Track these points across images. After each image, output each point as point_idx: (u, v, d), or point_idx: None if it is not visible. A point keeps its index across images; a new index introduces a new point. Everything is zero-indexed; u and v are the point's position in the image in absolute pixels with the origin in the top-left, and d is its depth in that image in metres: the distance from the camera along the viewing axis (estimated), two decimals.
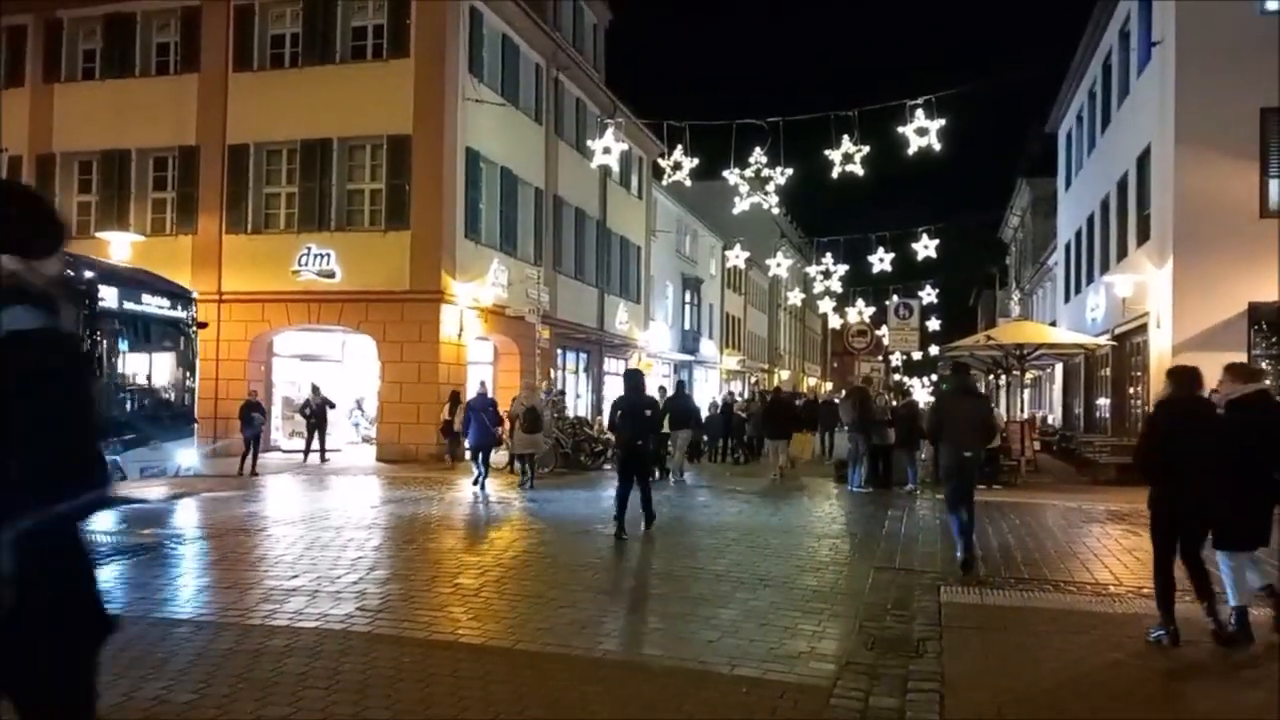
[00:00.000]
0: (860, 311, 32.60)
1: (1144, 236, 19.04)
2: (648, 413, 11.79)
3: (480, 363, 23.11)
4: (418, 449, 20.00)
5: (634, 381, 12.11)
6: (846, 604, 7.45)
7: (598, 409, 28.27)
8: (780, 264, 29.35)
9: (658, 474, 16.07)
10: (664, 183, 18.51)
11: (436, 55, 20.49)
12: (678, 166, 15.64)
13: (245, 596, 7.53)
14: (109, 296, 13.17)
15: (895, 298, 27.84)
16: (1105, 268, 22.57)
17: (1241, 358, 15.90)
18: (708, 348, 45.03)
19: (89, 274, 13.05)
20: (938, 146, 13.43)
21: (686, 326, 41.43)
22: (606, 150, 15.04)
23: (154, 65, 22.71)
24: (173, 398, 15.20)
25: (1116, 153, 21.60)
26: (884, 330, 27.76)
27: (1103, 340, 20.61)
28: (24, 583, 2.18)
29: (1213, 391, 6.80)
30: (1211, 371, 6.88)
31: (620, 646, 6.03)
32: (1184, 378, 6.53)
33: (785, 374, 61.60)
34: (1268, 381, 7.05)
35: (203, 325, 15.76)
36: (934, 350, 35.37)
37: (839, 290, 31.89)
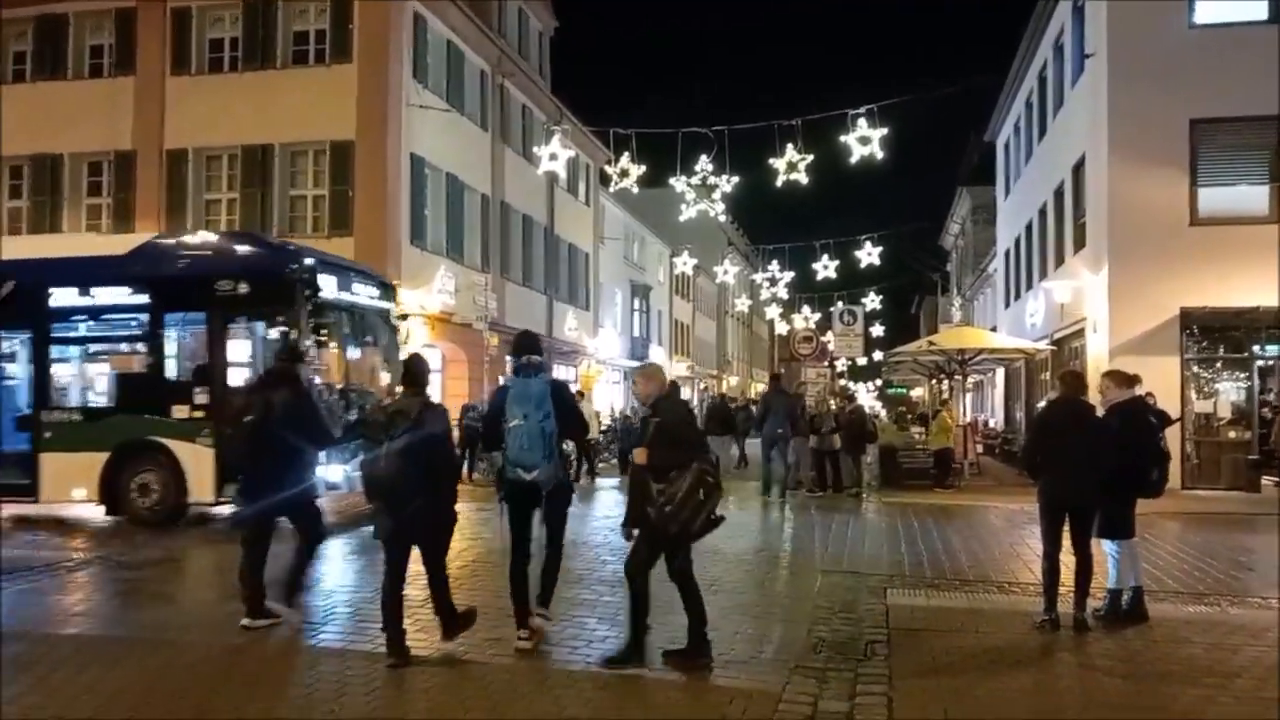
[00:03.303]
0: (806, 318, 32.87)
1: (1080, 244, 19.48)
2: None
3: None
4: None
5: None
6: (795, 608, 7.49)
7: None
8: (727, 271, 29.54)
9: None
10: (611, 190, 18.49)
11: (380, 61, 20.27)
12: (624, 174, 15.61)
13: (184, 613, 7.35)
14: (328, 287, 11.84)
15: (840, 304, 28.15)
16: (1043, 274, 23.04)
17: (1175, 361, 16.39)
18: (656, 354, 45.09)
19: (308, 261, 11.88)
20: (880, 155, 13.57)
21: (635, 333, 41.44)
22: (553, 157, 14.97)
23: (87, 68, 22.12)
24: (383, 399, 14.03)
25: (1053, 162, 22.08)
26: (829, 336, 28.04)
27: (1042, 345, 21.03)
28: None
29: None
30: (1147, 374, 7.21)
31: (568, 655, 5.99)
32: (1070, 381, 7.26)
33: (734, 380, 61.91)
34: (1140, 388, 7.72)
35: (403, 318, 14.60)
36: (878, 355, 35.82)
37: (785, 297, 32.16)
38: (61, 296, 12.27)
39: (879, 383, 61.30)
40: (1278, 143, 16.29)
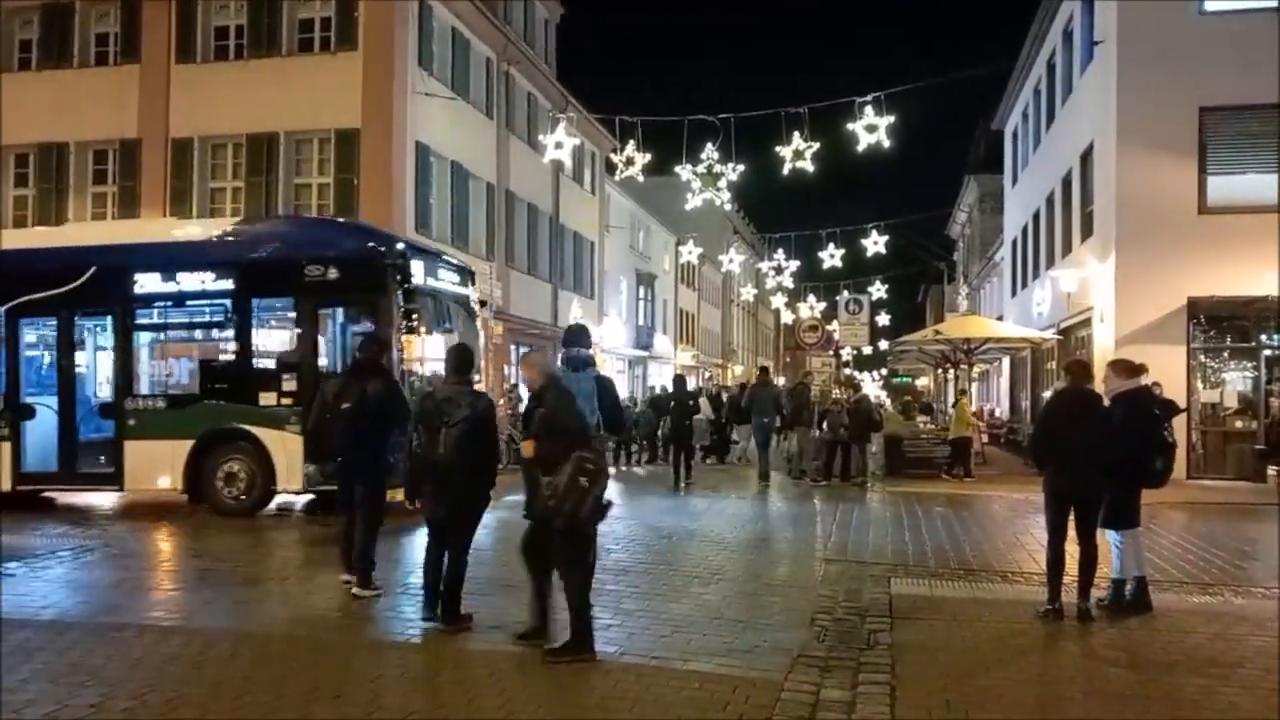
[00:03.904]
0: (812, 307, 32.87)
1: (1087, 232, 19.39)
2: (691, 403, 17.26)
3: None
4: None
5: (681, 384, 17.92)
6: (798, 597, 7.49)
7: None
8: (733, 260, 29.52)
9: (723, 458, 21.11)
10: (617, 178, 18.48)
11: (385, 48, 20.20)
12: (630, 162, 15.58)
13: (191, 598, 7.38)
14: (418, 273, 11.56)
15: (846, 293, 28.10)
16: (1050, 263, 22.95)
17: (1181, 350, 16.33)
18: (662, 343, 45.07)
19: (400, 246, 11.70)
20: (887, 143, 13.51)
21: (641, 322, 41.43)
22: (558, 145, 14.92)
23: (93, 56, 22.08)
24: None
25: (1060, 150, 21.97)
26: (835, 325, 28.01)
27: (1048, 334, 20.97)
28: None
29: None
30: (1153, 364, 7.18)
31: None
32: (1076, 371, 7.21)
33: (739, 369, 61.88)
34: (1145, 378, 7.65)
35: (483, 304, 14.35)
36: (884, 345, 35.77)
37: (791, 286, 32.12)
38: (145, 281, 12.06)
39: (884, 372, 61.20)
40: None
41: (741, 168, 16.95)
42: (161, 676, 5.24)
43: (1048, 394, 15.94)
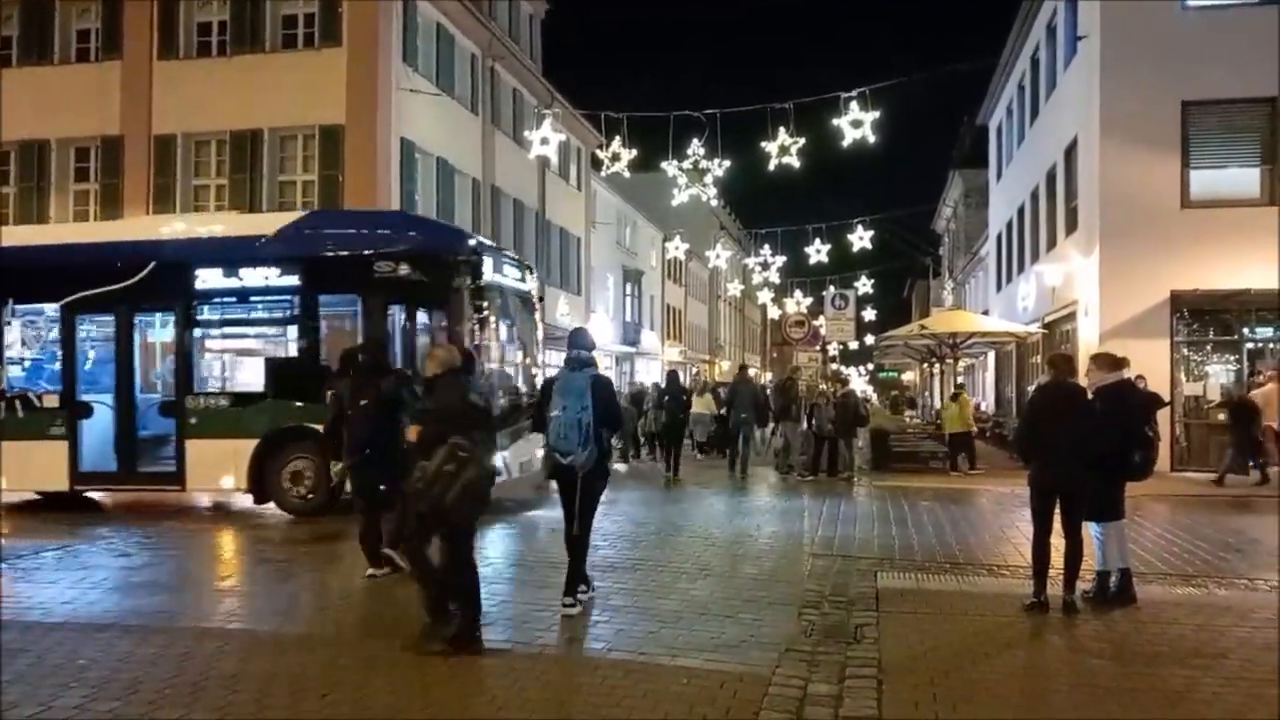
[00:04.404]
0: (798, 302, 32.92)
1: (1072, 227, 19.48)
2: (683, 397, 18.02)
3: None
4: None
5: (673, 379, 18.68)
6: (785, 591, 7.51)
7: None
8: (719, 255, 29.52)
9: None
10: (603, 174, 18.46)
11: (369, 44, 20.11)
12: (616, 158, 15.58)
13: (175, 599, 7.34)
14: (488, 269, 11.37)
15: (832, 288, 28.18)
16: (1035, 258, 23.05)
17: (1165, 344, 16.43)
18: (649, 339, 45.05)
19: (472, 243, 11.64)
20: (872, 139, 13.54)
21: (628, 318, 41.38)
22: (544, 141, 14.90)
23: (74, 52, 21.90)
24: (531, 383, 13.05)
25: (1045, 145, 22.06)
26: (821, 320, 28.08)
27: (1033, 328, 21.06)
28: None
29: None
30: (1137, 357, 7.23)
31: (560, 641, 6.00)
32: (1059, 364, 7.29)
33: (726, 364, 61.94)
34: (1127, 371, 7.70)
35: (540, 300, 14.21)
36: (870, 340, 35.87)
37: (777, 281, 32.12)
38: (207, 277, 11.83)
39: (870, 366, 61.39)
40: (1269, 125, 16.31)
41: (727, 163, 16.96)
42: (146, 677, 5.21)
43: (1032, 388, 16.02)
